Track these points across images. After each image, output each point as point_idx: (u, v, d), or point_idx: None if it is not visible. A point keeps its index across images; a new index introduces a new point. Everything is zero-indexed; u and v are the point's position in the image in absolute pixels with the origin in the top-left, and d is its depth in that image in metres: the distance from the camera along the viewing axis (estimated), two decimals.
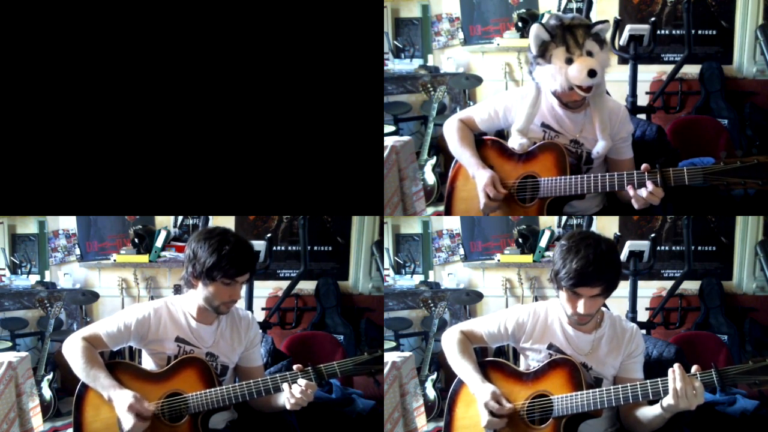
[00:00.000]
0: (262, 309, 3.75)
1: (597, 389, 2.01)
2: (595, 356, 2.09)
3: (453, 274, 3.97)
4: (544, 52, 2.21)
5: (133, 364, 2.18)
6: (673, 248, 3.75)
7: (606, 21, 2.24)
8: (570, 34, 2.19)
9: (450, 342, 2.19)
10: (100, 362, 2.10)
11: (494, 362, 2.15)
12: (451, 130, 2.45)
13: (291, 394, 2.01)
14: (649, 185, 2.13)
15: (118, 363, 2.16)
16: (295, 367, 2.06)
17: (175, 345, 2.14)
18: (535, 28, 2.21)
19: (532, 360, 2.15)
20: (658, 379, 1.94)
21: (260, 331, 2.30)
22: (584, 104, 2.31)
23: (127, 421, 2.01)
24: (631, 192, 2.17)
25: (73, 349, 2.10)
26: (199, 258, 2.04)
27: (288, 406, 2.04)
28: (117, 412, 2.04)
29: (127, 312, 2.17)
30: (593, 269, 1.96)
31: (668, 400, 1.90)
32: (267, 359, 2.48)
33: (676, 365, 1.91)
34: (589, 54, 2.18)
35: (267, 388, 2.06)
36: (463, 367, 2.14)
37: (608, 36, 2.26)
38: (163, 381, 2.11)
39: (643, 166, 2.17)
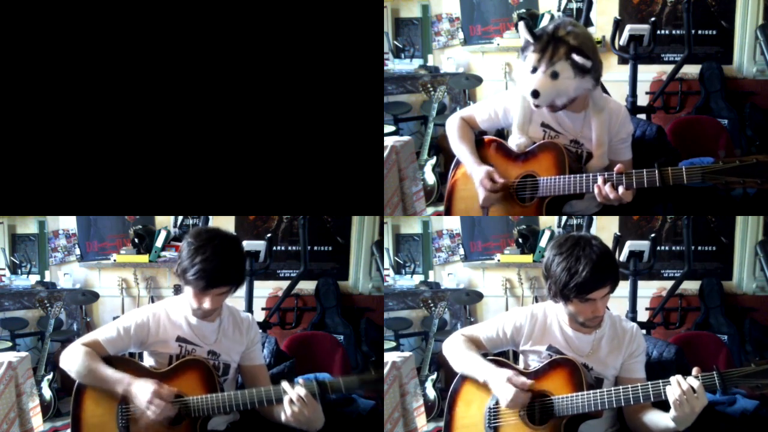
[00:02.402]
0: (262, 309, 3.75)
1: (598, 390, 2.00)
2: (596, 357, 2.09)
3: (453, 274, 3.97)
4: (524, 49, 2.22)
5: (133, 360, 2.15)
6: (673, 248, 3.75)
7: (591, 63, 2.14)
8: (552, 45, 2.15)
9: (453, 344, 2.17)
10: (103, 362, 2.05)
11: (495, 361, 2.14)
12: (452, 127, 2.45)
13: (290, 400, 1.98)
14: (620, 188, 2.13)
15: (119, 359, 2.11)
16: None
17: (176, 345, 2.12)
18: (521, 25, 2.19)
19: (532, 361, 2.15)
20: (660, 380, 1.94)
21: (260, 331, 2.30)
22: (584, 105, 2.31)
23: (153, 409, 1.97)
24: (599, 186, 2.16)
25: (73, 355, 2.05)
26: (181, 258, 2.02)
27: (283, 418, 2.00)
28: (139, 402, 1.99)
29: (126, 317, 2.15)
30: (601, 270, 1.95)
31: (672, 413, 1.90)
32: (270, 360, 2.47)
33: (671, 379, 1.90)
34: (554, 75, 2.16)
35: (270, 398, 2.02)
36: (471, 359, 2.11)
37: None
38: (164, 382, 2.07)
39: (617, 167, 2.17)
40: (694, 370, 1.91)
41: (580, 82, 2.16)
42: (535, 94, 2.15)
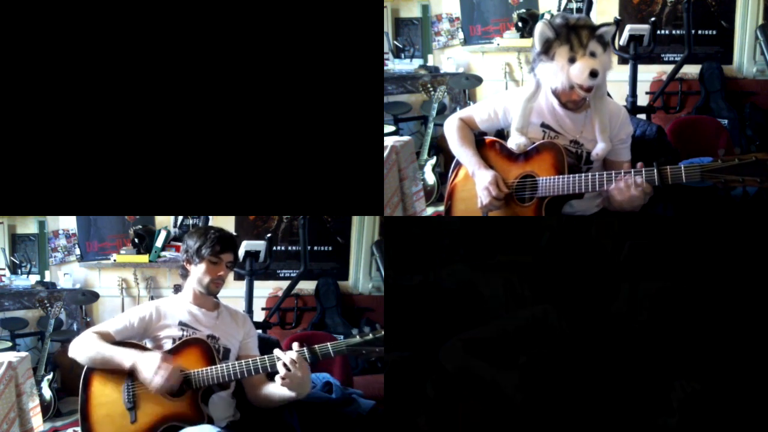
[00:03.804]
0: (262, 309, 3.75)
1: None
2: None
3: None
4: (547, 50, 2.23)
5: (138, 344, 2.23)
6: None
7: (610, 24, 2.27)
8: (575, 34, 2.22)
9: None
10: (111, 344, 2.17)
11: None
12: (451, 129, 2.46)
13: (283, 363, 2.09)
14: (638, 179, 2.15)
15: (125, 343, 2.20)
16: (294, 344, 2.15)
17: (178, 328, 2.24)
18: (540, 26, 2.24)
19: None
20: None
21: (258, 330, 2.33)
22: (584, 105, 2.31)
23: (161, 374, 2.08)
24: (615, 184, 2.18)
25: (86, 341, 2.17)
26: (189, 245, 2.29)
27: (278, 383, 2.10)
28: (147, 373, 2.09)
29: (129, 313, 2.27)
30: None
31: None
32: None
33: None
34: (592, 55, 2.21)
35: (265, 367, 2.13)
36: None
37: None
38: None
39: (639, 164, 2.18)
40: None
41: (609, 56, 2.27)
42: (594, 73, 2.20)
